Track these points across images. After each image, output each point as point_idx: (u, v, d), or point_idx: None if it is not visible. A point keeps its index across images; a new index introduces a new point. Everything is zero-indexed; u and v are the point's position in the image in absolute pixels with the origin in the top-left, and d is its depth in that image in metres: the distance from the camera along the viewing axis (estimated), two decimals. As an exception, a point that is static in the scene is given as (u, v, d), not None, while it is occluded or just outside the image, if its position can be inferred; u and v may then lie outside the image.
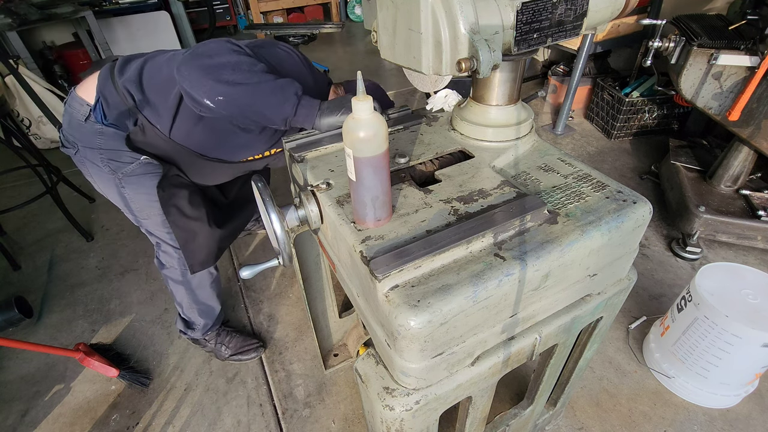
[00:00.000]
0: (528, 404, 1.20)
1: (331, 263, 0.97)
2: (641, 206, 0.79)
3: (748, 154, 1.99)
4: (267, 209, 0.78)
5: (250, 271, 0.90)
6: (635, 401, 1.53)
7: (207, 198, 1.40)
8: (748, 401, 1.52)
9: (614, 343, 1.72)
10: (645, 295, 1.90)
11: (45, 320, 1.97)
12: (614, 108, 2.88)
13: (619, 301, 0.97)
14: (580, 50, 2.69)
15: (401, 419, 0.75)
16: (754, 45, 1.73)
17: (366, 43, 5.18)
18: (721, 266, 1.44)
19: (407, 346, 0.65)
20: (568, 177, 0.87)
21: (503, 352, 0.80)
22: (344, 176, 0.89)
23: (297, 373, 1.68)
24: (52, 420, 1.59)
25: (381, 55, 0.87)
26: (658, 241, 2.17)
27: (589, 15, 0.80)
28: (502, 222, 0.72)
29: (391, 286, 0.65)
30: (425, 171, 0.93)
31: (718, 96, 1.90)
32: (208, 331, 1.70)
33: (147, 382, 1.67)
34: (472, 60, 0.69)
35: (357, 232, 0.74)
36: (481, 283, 0.65)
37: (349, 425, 1.51)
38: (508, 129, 0.93)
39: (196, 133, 1.19)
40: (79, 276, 2.18)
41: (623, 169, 2.72)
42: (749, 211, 1.98)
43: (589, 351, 1.11)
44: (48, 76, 3.81)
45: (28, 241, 2.43)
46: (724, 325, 1.31)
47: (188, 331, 1.68)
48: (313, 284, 1.38)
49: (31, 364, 1.77)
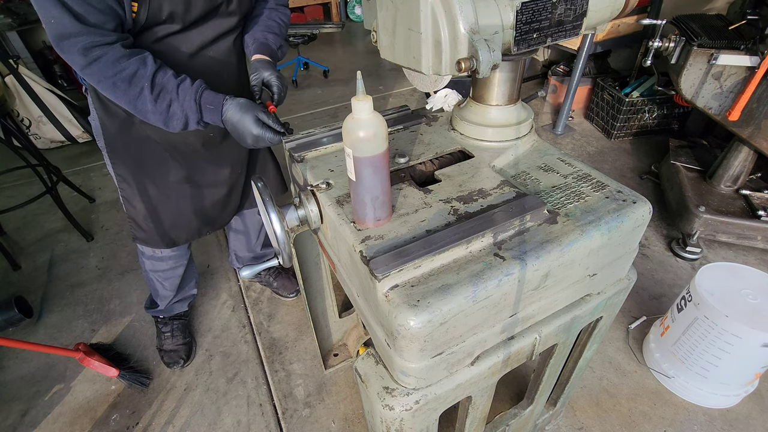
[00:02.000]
0: (528, 404, 1.20)
1: (330, 263, 0.97)
2: (641, 206, 0.79)
3: (748, 154, 1.99)
4: (267, 209, 0.78)
5: (250, 270, 0.90)
6: (635, 401, 1.53)
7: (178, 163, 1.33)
8: (748, 401, 1.52)
9: (614, 343, 1.72)
10: (645, 295, 1.90)
11: (45, 320, 1.97)
12: (614, 108, 2.88)
13: (619, 300, 0.97)
14: (580, 50, 2.69)
15: (401, 419, 0.75)
16: (754, 45, 1.73)
17: (366, 43, 5.19)
18: (721, 266, 1.44)
19: (407, 346, 0.65)
20: (568, 177, 0.87)
21: (503, 352, 0.80)
22: (344, 176, 0.89)
23: (297, 373, 1.68)
24: (52, 420, 1.59)
25: (381, 55, 0.88)
26: (658, 241, 2.17)
27: (589, 15, 0.80)
28: (501, 222, 0.72)
29: (391, 285, 0.65)
30: (425, 171, 0.93)
31: (718, 96, 1.90)
32: (152, 312, 1.75)
33: (147, 382, 1.67)
34: (472, 60, 0.69)
35: (357, 231, 0.74)
36: (481, 283, 0.65)
37: (349, 425, 1.51)
38: (508, 129, 0.93)
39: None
40: (79, 276, 2.18)
41: (623, 169, 2.72)
42: (749, 211, 1.98)
43: (588, 351, 1.11)
44: (48, 76, 3.81)
45: (28, 241, 2.43)
46: (724, 325, 1.31)
47: (150, 308, 1.75)
48: (313, 284, 1.38)
49: (31, 364, 1.77)
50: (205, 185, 1.39)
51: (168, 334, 1.76)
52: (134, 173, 1.28)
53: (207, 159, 1.34)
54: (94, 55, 0.91)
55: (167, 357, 1.74)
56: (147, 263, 1.57)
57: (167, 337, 1.76)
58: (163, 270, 1.58)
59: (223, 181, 1.42)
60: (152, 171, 1.29)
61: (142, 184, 1.30)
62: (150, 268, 1.58)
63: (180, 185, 1.34)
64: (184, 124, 1.03)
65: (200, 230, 1.48)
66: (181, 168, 1.31)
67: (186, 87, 1.00)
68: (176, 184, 1.34)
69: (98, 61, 0.92)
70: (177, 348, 1.74)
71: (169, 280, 1.63)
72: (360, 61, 4.67)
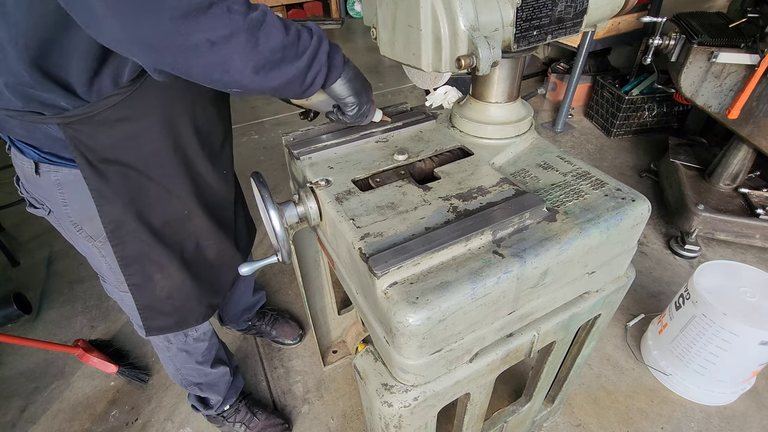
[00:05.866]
0: (526, 401, 1.21)
1: (329, 260, 0.97)
2: (640, 204, 0.80)
3: (747, 152, 1.99)
4: (266, 206, 0.78)
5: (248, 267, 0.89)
6: (633, 398, 1.54)
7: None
8: (745, 398, 1.53)
9: (612, 340, 1.73)
10: (643, 292, 1.90)
11: (44, 316, 1.97)
12: (614, 106, 2.88)
13: (618, 298, 0.98)
14: (580, 48, 2.68)
15: (399, 416, 0.75)
16: (754, 43, 1.73)
17: (366, 40, 5.16)
18: (720, 264, 1.44)
19: (406, 343, 0.66)
20: (567, 175, 0.87)
21: (501, 349, 0.80)
22: (343, 173, 0.89)
23: (296, 370, 1.69)
24: (51, 416, 1.59)
25: (380, 51, 0.87)
26: (657, 239, 2.18)
27: (589, 12, 0.80)
28: (500, 219, 0.72)
29: (390, 283, 0.65)
30: (424, 168, 0.93)
31: (718, 94, 1.90)
32: (224, 408, 1.42)
33: (146, 378, 1.67)
34: (472, 57, 0.69)
35: (356, 229, 0.74)
36: (480, 281, 0.65)
37: (348, 422, 1.51)
38: (508, 126, 0.93)
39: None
40: (78, 272, 2.18)
41: (622, 167, 2.72)
42: (748, 210, 1.98)
43: (587, 348, 1.11)
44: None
45: (27, 237, 2.42)
46: (721, 322, 1.31)
47: (201, 408, 1.40)
48: (312, 281, 1.38)
49: (30, 360, 1.78)
50: (219, 208, 1.09)
51: (250, 413, 1.44)
52: (153, 243, 0.95)
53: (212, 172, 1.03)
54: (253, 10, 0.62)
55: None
56: (180, 358, 1.20)
57: (255, 415, 1.44)
58: (203, 351, 1.23)
59: (231, 185, 1.13)
60: (174, 228, 0.98)
61: (165, 251, 0.98)
62: (184, 363, 1.22)
63: (203, 222, 1.02)
64: (311, 58, 0.71)
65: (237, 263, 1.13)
66: (203, 202, 1.01)
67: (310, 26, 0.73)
68: (199, 224, 1.02)
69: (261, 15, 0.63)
70: (270, 419, 1.45)
71: (213, 355, 1.28)
72: (359, 58, 4.66)
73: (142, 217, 0.92)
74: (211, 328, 1.26)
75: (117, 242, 0.92)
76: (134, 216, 0.91)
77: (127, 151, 0.85)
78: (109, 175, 0.85)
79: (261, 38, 0.63)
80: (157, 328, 1.05)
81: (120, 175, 0.86)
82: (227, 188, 1.09)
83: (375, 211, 0.78)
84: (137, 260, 0.96)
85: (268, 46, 0.64)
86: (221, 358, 1.35)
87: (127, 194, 0.88)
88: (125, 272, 0.96)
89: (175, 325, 1.07)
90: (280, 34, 0.65)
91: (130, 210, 0.90)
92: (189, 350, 1.20)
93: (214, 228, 1.05)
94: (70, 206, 0.90)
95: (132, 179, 0.88)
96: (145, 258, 0.96)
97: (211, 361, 1.29)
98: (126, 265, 0.95)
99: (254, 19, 0.62)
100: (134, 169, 0.87)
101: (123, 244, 0.93)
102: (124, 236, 0.92)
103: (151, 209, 0.93)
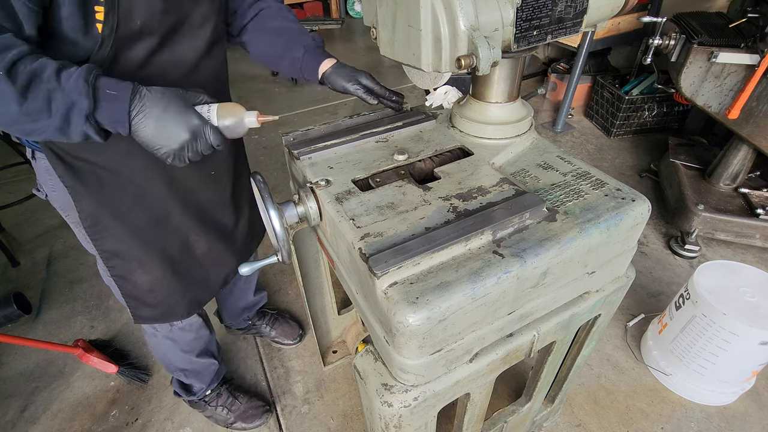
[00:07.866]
0: (526, 401, 1.21)
1: (329, 260, 0.97)
2: (640, 204, 0.80)
3: (747, 152, 1.99)
4: (266, 206, 0.78)
5: (248, 267, 0.89)
6: (633, 398, 1.54)
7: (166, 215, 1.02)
8: (745, 398, 1.53)
9: (612, 340, 1.73)
10: (643, 292, 1.90)
11: (44, 316, 1.96)
12: (614, 106, 2.88)
13: (618, 298, 0.98)
14: (580, 47, 2.68)
15: (399, 415, 0.75)
16: (754, 43, 1.73)
17: (366, 40, 5.17)
18: (719, 264, 1.44)
19: (406, 343, 0.66)
20: (567, 175, 0.87)
21: (501, 349, 0.80)
22: (343, 173, 0.89)
23: (296, 370, 1.69)
24: (51, 416, 1.59)
25: (380, 51, 0.87)
26: (657, 239, 2.18)
27: (589, 12, 0.80)
28: (500, 219, 0.72)
29: (390, 283, 0.65)
30: (424, 168, 0.93)
31: (718, 94, 1.90)
32: (205, 393, 1.46)
33: (146, 378, 1.67)
34: (472, 57, 0.69)
35: (356, 229, 0.74)
36: (480, 281, 0.65)
37: (348, 421, 1.51)
38: (508, 126, 0.93)
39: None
40: (77, 272, 2.18)
41: (622, 167, 2.72)
42: (748, 210, 1.98)
43: (587, 348, 1.11)
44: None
45: (27, 237, 2.42)
46: (721, 322, 1.31)
47: (183, 394, 1.44)
48: (312, 281, 1.38)
49: (30, 360, 1.78)
50: (210, 203, 1.10)
51: (232, 397, 1.48)
52: (131, 240, 0.98)
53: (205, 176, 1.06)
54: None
55: (250, 422, 1.47)
56: (165, 344, 1.24)
57: (237, 399, 1.47)
58: (189, 341, 1.27)
59: (224, 185, 1.14)
60: (154, 226, 0.99)
61: (144, 247, 1.00)
62: (170, 350, 1.26)
63: (186, 220, 1.04)
64: (64, 121, 0.66)
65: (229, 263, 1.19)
66: (184, 201, 1.02)
67: (72, 70, 0.65)
68: (182, 222, 1.03)
69: None
70: (251, 407, 1.49)
71: (202, 346, 1.32)
72: (359, 58, 4.66)
73: (119, 214, 0.95)
74: (200, 321, 1.28)
75: (96, 237, 0.97)
76: (110, 213, 0.94)
77: (96, 153, 0.87)
78: (82, 173, 0.88)
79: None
80: (144, 318, 1.11)
81: (92, 174, 0.89)
82: (217, 189, 1.11)
83: (375, 211, 0.78)
84: (117, 255, 1.00)
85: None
86: (210, 350, 1.38)
87: (100, 192, 0.91)
88: (107, 264, 1.01)
89: (161, 316, 1.12)
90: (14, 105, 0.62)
91: (106, 207, 0.93)
92: (174, 338, 1.25)
93: (201, 227, 1.08)
94: (57, 192, 0.95)
95: (104, 178, 0.90)
96: (124, 253, 1.00)
97: (198, 352, 1.32)
98: (107, 258, 1.00)
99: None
100: (106, 170, 0.90)
101: (102, 239, 0.97)
102: (102, 231, 0.96)
103: (128, 207, 0.95)
